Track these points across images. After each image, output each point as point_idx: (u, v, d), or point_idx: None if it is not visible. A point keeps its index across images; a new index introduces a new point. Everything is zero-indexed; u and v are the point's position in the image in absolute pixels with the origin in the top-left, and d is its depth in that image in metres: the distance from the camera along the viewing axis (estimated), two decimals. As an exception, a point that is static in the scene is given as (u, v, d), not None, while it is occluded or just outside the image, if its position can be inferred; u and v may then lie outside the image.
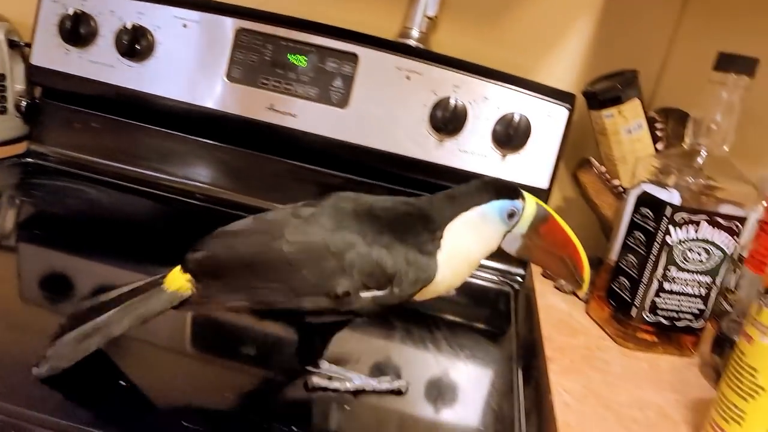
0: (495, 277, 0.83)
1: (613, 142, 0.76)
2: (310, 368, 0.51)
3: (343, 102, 0.82)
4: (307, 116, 0.83)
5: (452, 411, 0.52)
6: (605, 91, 0.74)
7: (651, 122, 0.77)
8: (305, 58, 0.82)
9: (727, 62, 0.64)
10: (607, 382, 0.60)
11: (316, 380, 0.51)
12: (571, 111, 0.80)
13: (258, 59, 0.83)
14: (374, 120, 0.82)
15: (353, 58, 0.81)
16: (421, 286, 0.48)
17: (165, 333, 0.54)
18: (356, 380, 0.52)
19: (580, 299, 0.78)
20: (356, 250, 0.46)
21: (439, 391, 0.54)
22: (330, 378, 0.51)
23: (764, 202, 0.70)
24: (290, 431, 0.45)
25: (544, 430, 0.52)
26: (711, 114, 0.65)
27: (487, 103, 0.80)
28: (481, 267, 0.84)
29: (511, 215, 0.51)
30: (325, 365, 0.52)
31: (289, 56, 0.82)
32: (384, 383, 0.52)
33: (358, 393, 0.51)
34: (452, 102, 0.79)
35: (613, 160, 0.77)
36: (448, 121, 0.79)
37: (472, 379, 0.57)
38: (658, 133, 0.76)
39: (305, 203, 0.51)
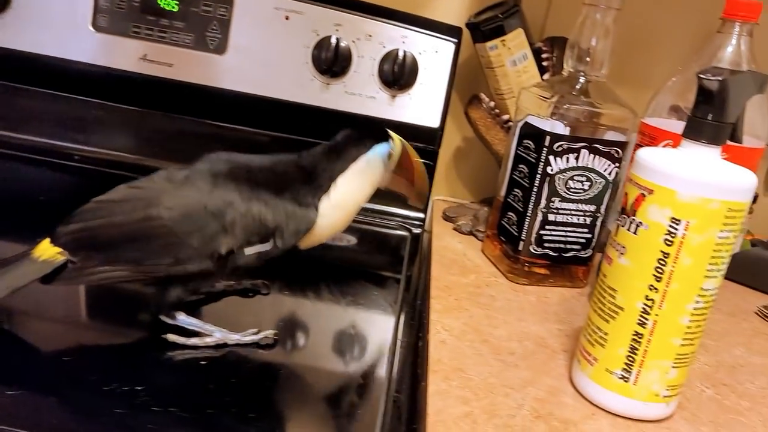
0: (393, 223, 0.81)
1: (500, 75, 0.74)
2: (164, 318, 0.49)
3: (220, 48, 0.77)
4: (184, 65, 0.78)
5: (326, 360, 0.50)
6: (487, 22, 0.71)
7: (538, 53, 0.75)
8: (176, 2, 0.76)
9: (598, -18, 0.62)
10: (490, 317, 0.59)
11: (173, 337, 0.48)
12: (458, 45, 0.77)
13: (126, 5, 0.77)
14: (255, 65, 0.77)
15: (227, -1, 0.76)
16: (302, 236, 0.50)
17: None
18: (217, 334, 0.49)
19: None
20: (235, 208, 0.47)
21: (313, 341, 0.52)
22: (189, 334, 0.48)
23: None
24: (135, 391, 0.41)
25: (418, 369, 0.51)
26: (586, 38, 0.63)
27: (371, 41, 0.77)
28: (380, 213, 0.82)
29: (389, 156, 0.55)
30: (181, 316, 0.49)
31: (159, 1, 0.77)
32: (249, 336, 0.50)
33: (220, 348, 0.48)
34: (333, 41, 0.75)
35: (501, 94, 0.76)
36: (331, 62, 0.76)
37: (351, 325, 0.55)
38: (545, 64, 0.74)
39: (179, 167, 0.50)
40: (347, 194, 0.53)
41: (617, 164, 0.65)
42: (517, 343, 0.56)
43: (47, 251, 0.46)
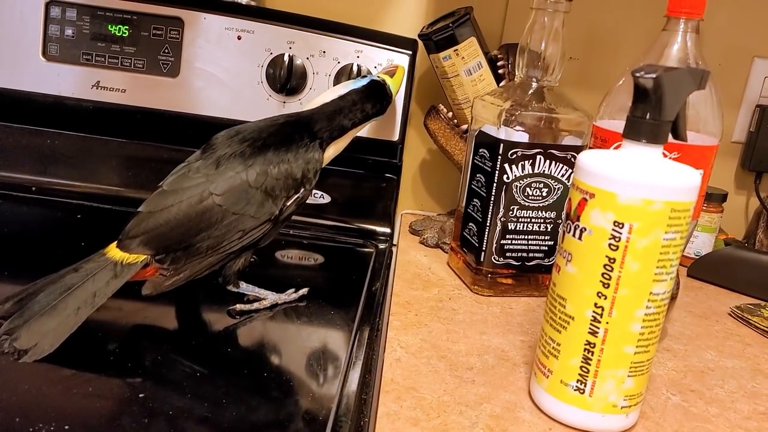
0: (359, 239, 0.79)
1: (455, 85, 0.73)
2: (231, 288, 0.58)
3: (173, 71, 0.76)
4: (137, 90, 0.76)
5: (273, 383, 0.48)
6: (438, 32, 0.70)
7: (494, 61, 0.74)
8: (126, 27, 0.75)
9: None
10: (450, 331, 0.58)
11: (240, 307, 0.57)
12: (413, 57, 0.76)
13: (76, 33, 0.76)
14: (209, 87, 0.76)
15: (178, 22, 0.75)
16: (319, 172, 0.60)
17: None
18: (270, 296, 0.59)
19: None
20: (269, 175, 0.55)
21: (261, 363, 0.50)
22: (250, 301, 0.58)
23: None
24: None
25: (370, 389, 0.49)
26: (536, 42, 0.62)
27: (325, 57, 0.76)
28: (345, 230, 0.80)
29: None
30: (243, 284, 0.59)
31: (109, 27, 0.76)
32: (291, 295, 0.60)
33: (273, 308, 0.58)
34: (286, 59, 0.74)
35: (459, 104, 0.74)
36: (285, 80, 0.75)
37: (304, 346, 0.53)
38: (501, 71, 0.73)
39: (200, 157, 0.57)
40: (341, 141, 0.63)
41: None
42: (477, 358, 0.54)
43: (126, 256, 0.52)
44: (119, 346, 0.49)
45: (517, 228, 0.64)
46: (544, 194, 0.63)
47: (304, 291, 0.61)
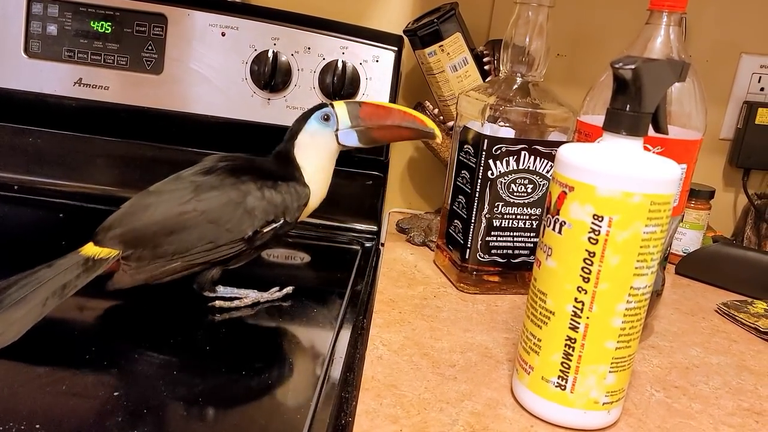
0: (346, 238, 0.79)
1: (441, 81, 0.73)
2: (207, 293, 0.57)
3: (157, 68, 0.76)
4: (120, 87, 0.76)
5: (254, 380, 0.47)
6: (423, 28, 0.70)
7: (479, 57, 0.73)
8: (109, 24, 0.75)
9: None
10: (434, 329, 0.57)
11: (219, 303, 0.57)
12: (399, 53, 0.76)
13: (58, 30, 0.75)
14: (193, 84, 0.76)
15: (161, 19, 0.75)
16: (303, 209, 0.59)
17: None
18: (252, 294, 0.58)
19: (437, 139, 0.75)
20: (254, 195, 0.56)
21: (243, 361, 0.49)
22: (231, 299, 0.58)
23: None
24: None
25: (352, 387, 0.49)
26: (520, 37, 0.62)
27: (310, 54, 0.75)
28: (332, 229, 0.80)
29: (326, 118, 0.60)
30: (220, 288, 0.58)
31: (91, 23, 0.75)
32: (274, 293, 0.60)
33: (255, 306, 0.58)
34: (271, 55, 0.74)
35: (445, 100, 0.74)
36: (270, 76, 0.74)
37: (285, 344, 0.53)
38: (486, 67, 0.73)
39: (195, 170, 0.57)
40: (311, 164, 0.60)
41: (560, 165, 0.63)
42: (460, 355, 0.53)
43: (98, 251, 0.52)
44: (95, 344, 0.49)
45: (503, 225, 0.64)
46: (529, 191, 0.63)
47: (288, 289, 0.61)
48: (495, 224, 0.63)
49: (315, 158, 0.60)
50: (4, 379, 0.43)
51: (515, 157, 0.62)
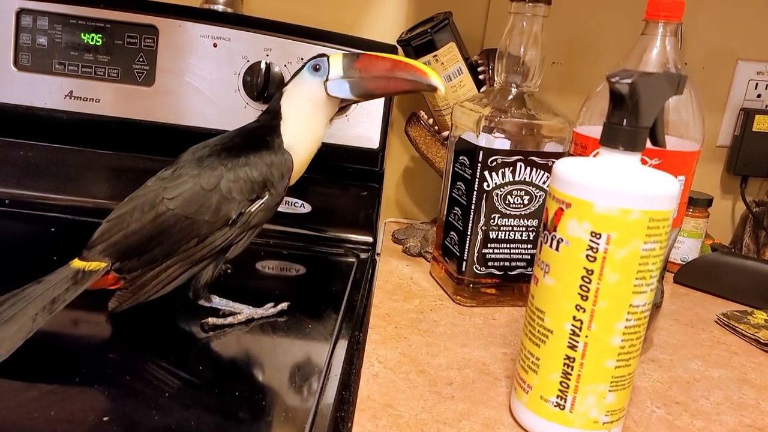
0: (341, 249, 0.78)
1: (436, 91, 0.72)
2: (202, 302, 0.56)
3: (148, 80, 0.75)
4: (112, 100, 0.75)
5: (249, 401, 0.46)
6: (417, 38, 0.69)
7: (474, 66, 0.73)
8: (100, 36, 0.74)
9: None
10: (430, 344, 0.56)
11: (212, 320, 0.55)
12: (393, 63, 0.75)
13: (48, 42, 0.74)
14: (185, 95, 0.75)
15: (152, 30, 0.74)
16: (289, 176, 0.57)
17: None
18: (246, 310, 0.57)
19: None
20: (226, 177, 0.54)
21: (236, 379, 0.49)
22: (224, 315, 0.56)
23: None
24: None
25: (348, 406, 0.48)
26: (515, 47, 0.61)
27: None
28: (327, 240, 0.79)
29: (317, 68, 0.58)
30: (216, 298, 0.57)
31: (82, 35, 0.74)
32: (269, 309, 0.58)
33: (249, 323, 0.57)
34: (263, 66, 0.73)
35: (439, 111, 0.73)
36: (262, 87, 0.73)
37: (279, 362, 0.52)
38: (481, 77, 0.72)
39: (164, 169, 0.56)
40: (294, 115, 0.58)
41: (557, 176, 0.62)
42: (457, 372, 0.52)
43: (87, 264, 0.51)
44: (85, 364, 0.48)
45: (499, 237, 0.63)
46: (526, 202, 0.62)
47: (283, 306, 0.59)
48: (491, 236, 0.63)
49: (298, 109, 0.58)
50: (-9, 405, 0.42)
51: (511, 168, 0.61)
